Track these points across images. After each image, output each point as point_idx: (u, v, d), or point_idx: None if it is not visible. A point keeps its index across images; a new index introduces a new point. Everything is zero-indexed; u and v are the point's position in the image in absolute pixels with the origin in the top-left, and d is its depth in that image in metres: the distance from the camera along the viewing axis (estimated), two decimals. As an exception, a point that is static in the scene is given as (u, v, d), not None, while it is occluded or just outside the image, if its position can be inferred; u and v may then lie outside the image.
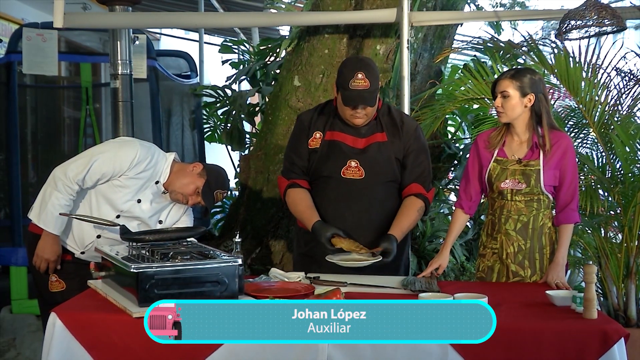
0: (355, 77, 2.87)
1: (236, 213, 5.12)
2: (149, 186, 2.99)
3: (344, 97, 2.92)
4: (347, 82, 2.88)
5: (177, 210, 3.12)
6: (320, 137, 3.05)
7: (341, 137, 3.03)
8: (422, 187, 3.05)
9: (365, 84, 2.87)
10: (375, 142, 3.02)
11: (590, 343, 2.18)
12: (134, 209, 2.97)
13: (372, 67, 2.96)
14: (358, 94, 2.88)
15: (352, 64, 2.97)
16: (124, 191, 2.94)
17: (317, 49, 4.77)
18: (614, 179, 3.65)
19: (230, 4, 9.38)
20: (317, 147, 3.05)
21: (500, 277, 3.02)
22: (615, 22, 3.40)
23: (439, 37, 5.26)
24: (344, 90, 2.91)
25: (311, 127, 3.08)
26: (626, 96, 3.82)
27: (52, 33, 4.80)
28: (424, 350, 2.17)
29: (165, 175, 3.01)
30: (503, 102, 2.92)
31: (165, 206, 3.08)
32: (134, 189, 2.94)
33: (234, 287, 2.36)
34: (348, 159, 3.00)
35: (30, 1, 8.51)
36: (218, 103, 6.21)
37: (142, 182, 2.96)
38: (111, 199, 2.94)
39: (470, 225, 5.41)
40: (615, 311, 3.65)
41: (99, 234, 2.98)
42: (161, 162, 3.02)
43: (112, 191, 2.94)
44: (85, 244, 3.00)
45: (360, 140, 3.03)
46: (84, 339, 2.25)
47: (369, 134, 3.04)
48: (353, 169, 3.00)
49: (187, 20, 6.08)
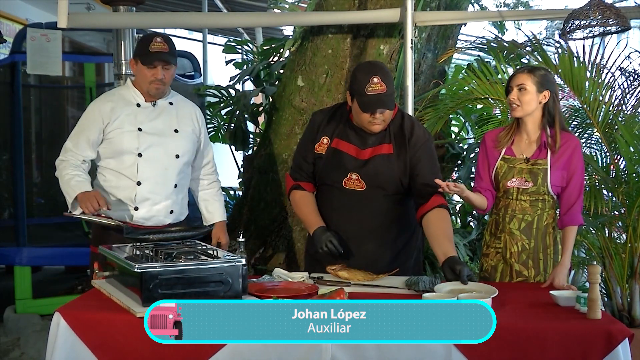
0: (371, 82, 2.80)
1: (240, 213, 5.12)
2: (135, 112, 3.10)
3: (361, 103, 2.84)
4: (364, 88, 2.80)
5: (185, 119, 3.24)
6: (327, 142, 3.02)
7: (346, 147, 2.99)
8: (442, 197, 2.95)
9: (382, 88, 2.80)
10: (380, 154, 2.96)
11: (595, 343, 2.17)
12: (144, 137, 3.07)
13: (386, 70, 2.90)
14: (377, 99, 2.81)
15: (366, 68, 2.89)
16: (122, 134, 3.06)
17: (321, 49, 4.76)
18: (618, 179, 3.64)
19: (233, 4, 9.38)
20: (323, 153, 3.03)
21: (503, 276, 3.02)
22: (620, 22, 3.40)
23: (442, 37, 5.25)
24: (360, 96, 2.83)
25: (319, 131, 3.05)
26: (630, 96, 3.82)
27: (56, 33, 4.80)
28: (427, 350, 2.17)
29: (138, 94, 3.14)
30: (519, 94, 2.91)
31: (166, 115, 3.17)
32: (126, 124, 3.07)
33: (238, 287, 2.36)
34: (349, 172, 2.97)
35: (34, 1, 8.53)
36: (222, 103, 6.21)
37: (125, 114, 3.08)
38: (118, 149, 3.06)
39: (474, 225, 5.40)
40: (619, 311, 3.65)
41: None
42: (124, 89, 3.19)
43: (115, 144, 3.07)
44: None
45: (365, 152, 2.97)
46: (88, 338, 2.26)
47: (376, 144, 2.97)
48: (354, 181, 2.97)
49: (191, 20, 6.07)
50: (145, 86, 3.11)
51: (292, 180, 3.11)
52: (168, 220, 3.17)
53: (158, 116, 3.15)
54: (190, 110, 3.29)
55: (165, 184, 3.13)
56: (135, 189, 3.08)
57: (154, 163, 3.09)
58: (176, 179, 3.16)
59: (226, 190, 6.55)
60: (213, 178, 3.41)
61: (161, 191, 3.12)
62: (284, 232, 4.86)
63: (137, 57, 3.10)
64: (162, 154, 3.12)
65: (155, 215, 3.12)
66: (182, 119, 3.21)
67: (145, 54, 3.05)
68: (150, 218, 3.11)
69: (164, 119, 3.16)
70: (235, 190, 6.57)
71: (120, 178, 3.09)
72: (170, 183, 3.14)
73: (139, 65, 3.09)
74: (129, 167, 3.07)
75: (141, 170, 3.07)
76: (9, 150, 5.22)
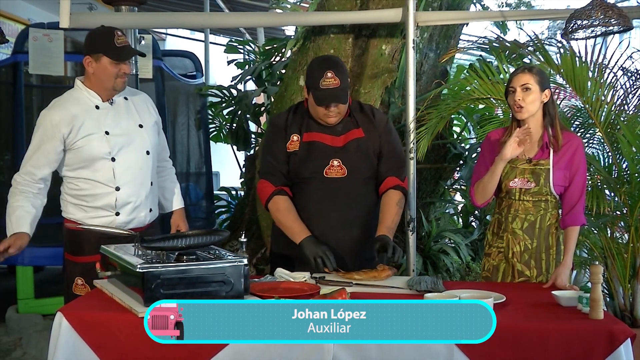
0: (325, 77, 2.90)
1: (241, 213, 5.13)
2: (97, 116, 2.98)
3: (315, 97, 2.94)
4: (318, 82, 2.91)
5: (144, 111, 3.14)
6: (298, 139, 3.05)
7: (319, 137, 3.04)
8: (397, 179, 3.08)
9: (336, 82, 2.90)
10: (353, 138, 3.05)
11: (597, 344, 2.17)
12: (114, 139, 2.97)
13: (341, 64, 3.00)
14: (330, 93, 2.91)
15: (320, 63, 3.01)
16: (90, 141, 2.94)
17: (323, 49, 4.77)
18: (620, 179, 3.64)
19: (235, 4, 9.39)
20: (297, 149, 3.04)
21: (505, 276, 3.01)
22: (622, 22, 3.39)
23: (444, 37, 5.25)
24: (315, 90, 2.93)
25: (287, 130, 3.07)
26: (632, 96, 3.81)
27: (58, 33, 4.81)
28: (430, 350, 2.16)
29: (93, 94, 3.00)
30: (524, 95, 2.89)
31: (126, 112, 3.06)
32: (92, 129, 2.94)
33: (240, 287, 2.36)
34: (330, 158, 3.01)
35: (36, 1, 8.54)
36: (224, 103, 6.23)
37: (89, 120, 2.95)
38: (89, 157, 2.94)
39: (476, 225, 5.40)
40: (621, 311, 3.64)
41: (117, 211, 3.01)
42: (76, 92, 3.02)
43: (84, 152, 2.94)
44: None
45: (339, 139, 3.04)
46: (90, 338, 2.26)
47: (346, 131, 3.06)
48: (335, 167, 3.01)
49: (193, 21, 6.08)
50: (109, 82, 2.97)
51: (271, 185, 3.07)
52: (147, 220, 3.11)
53: (120, 115, 3.03)
54: (145, 100, 3.18)
55: (143, 184, 3.05)
56: (115, 194, 2.98)
57: (129, 165, 3.00)
58: (151, 177, 3.10)
59: (228, 190, 6.57)
60: (168, 165, 3.34)
61: (141, 193, 3.04)
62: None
63: (99, 53, 2.94)
64: (134, 154, 3.02)
65: (136, 217, 3.05)
66: (141, 112, 3.12)
67: (112, 49, 2.93)
68: (130, 221, 3.03)
69: (126, 117, 3.05)
70: (237, 190, 6.58)
71: (96, 186, 2.97)
72: (147, 182, 3.07)
73: (102, 61, 2.94)
74: (104, 174, 2.96)
75: (118, 175, 2.97)
76: (11, 150, 5.23)
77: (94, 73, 2.98)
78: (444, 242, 5.14)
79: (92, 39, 3.00)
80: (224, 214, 6.32)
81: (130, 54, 3.00)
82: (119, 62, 2.94)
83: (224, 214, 6.33)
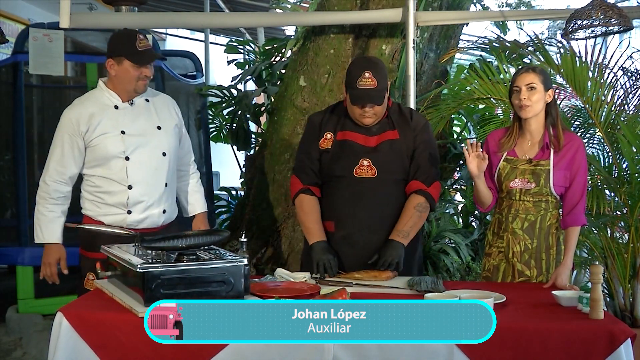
0: (362, 77, 2.88)
1: (242, 213, 5.13)
2: (115, 115, 3.03)
3: (351, 96, 2.93)
4: (355, 82, 2.89)
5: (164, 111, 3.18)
6: (332, 137, 3.05)
7: (352, 136, 3.03)
8: (422, 183, 3.01)
9: (373, 83, 2.88)
10: (387, 139, 3.01)
11: (597, 344, 2.17)
12: (129, 139, 3.01)
13: (380, 66, 2.97)
14: (365, 93, 2.89)
15: (360, 63, 2.99)
16: (105, 139, 2.99)
17: (323, 49, 4.77)
18: (620, 179, 3.64)
19: (235, 4, 9.39)
20: (329, 147, 3.04)
21: (505, 276, 3.01)
22: (622, 22, 3.40)
23: (444, 37, 5.25)
24: (351, 89, 2.92)
25: (322, 128, 3.08)
26: (633, 96, 3.82)
27: (58, 33, 4.81)
28: (429, 350, 2.16)
29: (114, 95, 3.05)
30: (529, 94, 2.89)
31: (145, 113, 3.10)
32: (108, 128, 3.00)
33: (240, 287, 2.36)
34: (360, 158, 2.99)
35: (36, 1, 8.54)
36: (224, 103, 6.22)
37: (106, 119, 3.01)
38: (103, 155, 3.00)
39: (476, 225, 5.40)
40: (621, 311, 3.64)
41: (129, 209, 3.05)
42: (97, 92, 3.08)
43: (99, 151, 3.00)
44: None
45: (372, 139, 3.02)
46: (91, 338, 2.26)
47: (381, 132, 3.03)
48: (365, 167, 2.99)
49: (193, 20, 6.09)
50: (130, 85, 3.02)
51: (300, 183, 3.08)
52: (161, 221, 3.12)
53: (138, 116, 3.07)
54: (167, 103, 3.22)
55: (157, 185, 3.08)
56: (127, 192, 3.01)
57: (142, 165, 3.04)
58: (166, 178, 3.12)
59: (228, 190, 6.56)
60: (192, 169, 3.37)
61: (153, 193, 3.07)
62: (286, 232, 4.86)
63: (121, 57, 2.99)
64: (149, 154, 3.06)
65: (149, 217, 3.07)
66: (162, 114, 3.15)
67: (134, 52, 2.97)
68: (143, 220, 3.06)
69: (145, 117, 3.09)
70: (237, 190, 6.57)
71: (110, 184, 3.02)
72: (161, 183, 3.09)
73: (124, 64, 2.99)
74: (117, 172, 3.00)
75: (131, 174, 3.01)
76: (11, 150, 5.22)
77: (116, 75, 3.03)
78: (444, 242, 5.14)
79: (115, 42, 3.05)
80: (224, 214, 6.32)
81: (152, 58, 3.03)
82: (140, 65, 2.99)
83: (224, 214, 6.32)
